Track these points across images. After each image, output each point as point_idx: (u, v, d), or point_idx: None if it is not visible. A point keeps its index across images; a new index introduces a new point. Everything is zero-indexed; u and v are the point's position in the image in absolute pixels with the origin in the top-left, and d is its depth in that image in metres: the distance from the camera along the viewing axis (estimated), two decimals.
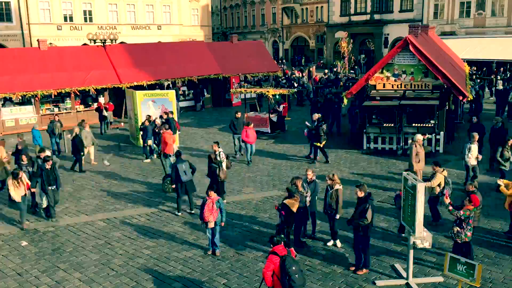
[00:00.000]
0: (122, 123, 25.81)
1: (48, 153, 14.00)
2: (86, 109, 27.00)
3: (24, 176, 12.55)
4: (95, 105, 26.14)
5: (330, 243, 11.01)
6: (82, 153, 17.36)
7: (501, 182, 11.05)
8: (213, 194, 10.37)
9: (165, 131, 16.72)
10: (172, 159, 15.21)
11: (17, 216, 12.97)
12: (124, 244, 11.34)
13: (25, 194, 12.45)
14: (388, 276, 9.65)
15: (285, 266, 7.40)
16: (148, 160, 18.68)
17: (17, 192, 12.22)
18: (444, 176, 11.83)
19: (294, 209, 9.96)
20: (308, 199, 10.89)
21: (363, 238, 9.63)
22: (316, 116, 17.97)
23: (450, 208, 9.47)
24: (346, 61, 40.82)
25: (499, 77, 32.34)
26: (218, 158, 13.52)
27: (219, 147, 13.87)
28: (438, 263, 10.04)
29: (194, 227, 12.25)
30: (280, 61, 52.80)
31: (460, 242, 9.49)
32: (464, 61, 28.03)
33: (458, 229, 9.40)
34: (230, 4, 70.18)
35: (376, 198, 13.93)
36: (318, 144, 17.57)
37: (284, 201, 10.10)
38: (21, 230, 12.32)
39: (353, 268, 9.86)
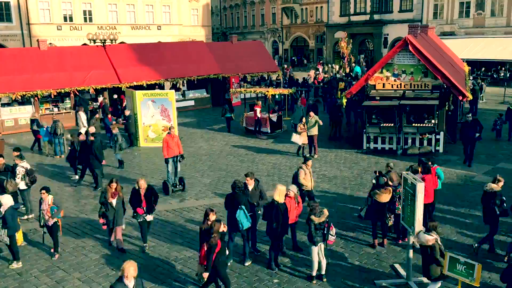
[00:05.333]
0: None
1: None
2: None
3: None
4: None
5: None
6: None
7: None
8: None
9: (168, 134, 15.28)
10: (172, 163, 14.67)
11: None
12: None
13: None
14: (388, 276, 9.66)
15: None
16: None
17: None
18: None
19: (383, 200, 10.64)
20: None
21: None
22: None
23: None
24: (346, 61, 40.80)
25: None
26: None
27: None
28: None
29: (194, 227, 12.25)
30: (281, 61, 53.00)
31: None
32: (463, 61, 28.08)
33: None
34: (230, 4, 70.19)
35: None
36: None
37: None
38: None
39: None
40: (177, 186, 14.90)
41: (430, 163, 11.73)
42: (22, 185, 12.94)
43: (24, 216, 13.08)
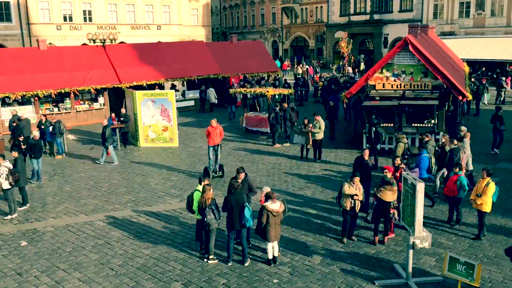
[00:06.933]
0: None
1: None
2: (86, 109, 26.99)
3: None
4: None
5: None
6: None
7: None
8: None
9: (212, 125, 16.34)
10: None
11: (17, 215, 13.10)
12: (123, 244, 11.34)
13: None
14: (388, 276, 9.66)
15: None
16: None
17: None
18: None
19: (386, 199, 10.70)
20: None
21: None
22: None
23: None
24: (346, 61, 40.81)
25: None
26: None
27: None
28: (438, 263, 10.05)
29: (193, 227, 12.23)
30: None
31: None
32: (463, 61, 28.08)
33: None
34: (230, 4, 70.21)
35: None
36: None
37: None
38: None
39: None
40: (217, 172, 16.11)
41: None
42: (5, 185, 12.88)
43: (7, 216, 13.09)
